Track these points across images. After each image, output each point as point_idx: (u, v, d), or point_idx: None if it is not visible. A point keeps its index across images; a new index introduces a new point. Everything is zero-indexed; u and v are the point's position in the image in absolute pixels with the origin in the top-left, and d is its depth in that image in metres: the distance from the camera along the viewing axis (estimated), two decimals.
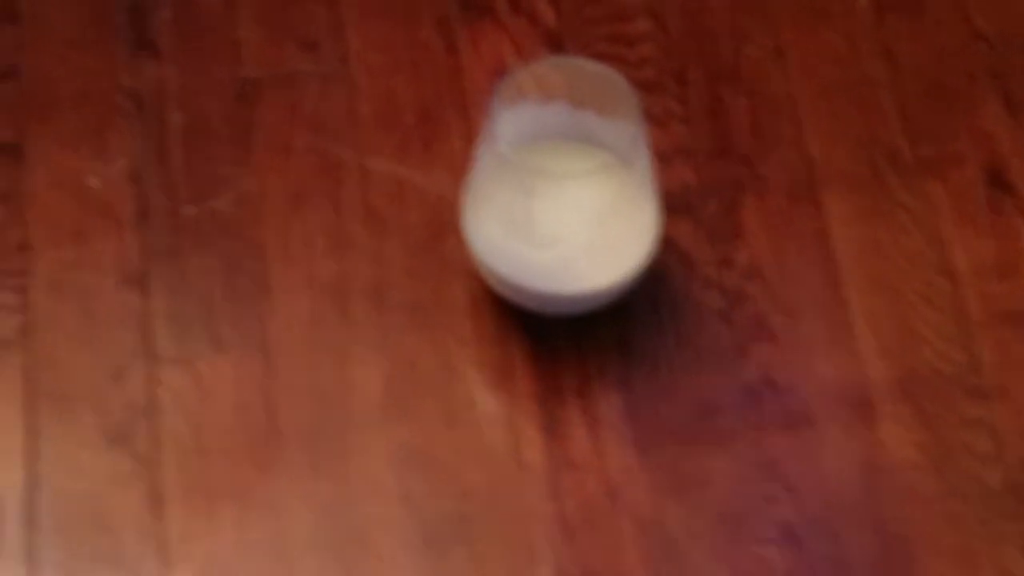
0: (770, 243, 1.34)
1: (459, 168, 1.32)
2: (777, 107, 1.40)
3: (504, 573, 1.23)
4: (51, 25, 1.45)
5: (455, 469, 1.25)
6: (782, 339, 1.30)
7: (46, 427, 1.26)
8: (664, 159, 1.36)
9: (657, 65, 1.41)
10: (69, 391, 1.27)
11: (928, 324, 1.29)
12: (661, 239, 1.29)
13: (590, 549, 1.23)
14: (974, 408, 1.26)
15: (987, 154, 1.38)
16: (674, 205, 1.33)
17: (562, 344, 1.30)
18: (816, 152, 1.38)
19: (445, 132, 1.39)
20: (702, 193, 1.36)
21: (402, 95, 1.41)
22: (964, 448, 1.24)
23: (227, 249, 1.33)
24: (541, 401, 1.27)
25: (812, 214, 1.36)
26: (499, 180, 1.26)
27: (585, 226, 1.26)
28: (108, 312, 1.29)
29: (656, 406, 1.27)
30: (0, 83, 1.41)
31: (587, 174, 1.25)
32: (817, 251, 1.34)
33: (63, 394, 1.27)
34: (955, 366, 1.27)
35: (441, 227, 1.34)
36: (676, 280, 1.33)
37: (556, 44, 1.42)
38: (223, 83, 1.40)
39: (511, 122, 1.28)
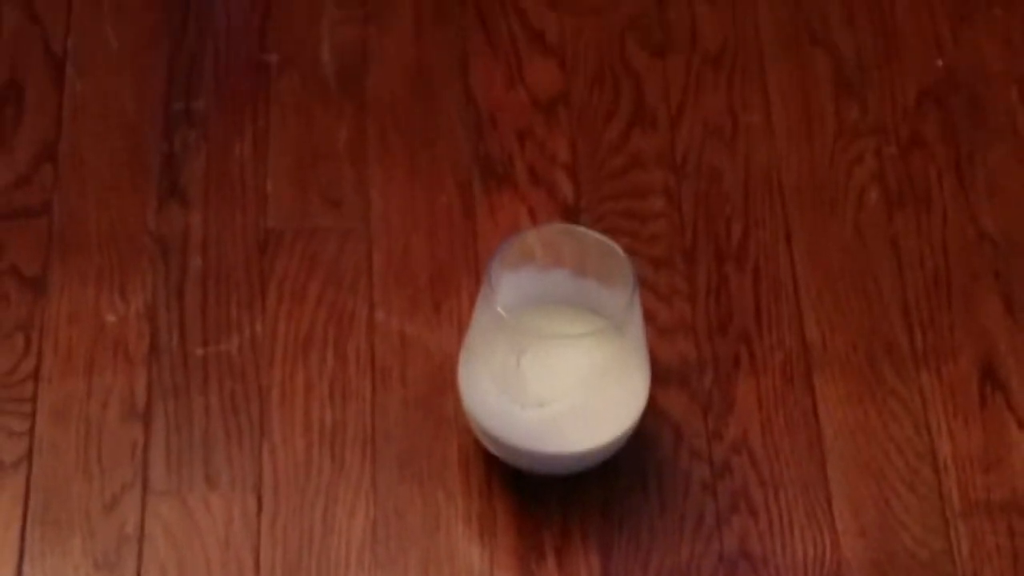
0: (760, 419, 1.36)
1: (464, 329, 1.34)
2: (781, 290, 1.43)
3: None
4: (87, 167, 1.50)
5: None
6: (762, 513, 1.31)
7: (38, 551, 1.28)
8: (665, 333, 1.38)
9: (667, 242, 1.44)
10: (63, 517, 1.29)
11: (908, 510, 1.29)
12: (649, 406, 1.31)
13: None
14: None
15: (983, 351, 1.39)
16: (671, 377, 1.36)
17: (547, 502, 1.31)
18: (814, 336, 1.41)
19: (455, 292, 1.42)
20: (699, 367, 1.38)
21: (418, 254, 1.44)
22: None
23: (231, 390, 1.35)
24: (521, 556, 1.28)
25: (804, 395, 1.38)
26: (493, 339, 1.28)
27: (574, 389, 1.28)
28: (109, 443, 1.32)
29: (632, 569, 1.28)
30: (33, 219, 1.46)
31: (579, 337, 1.28)
32: (806, 431, 1.36)
33: (57, 519, 1.29)
34: (932, 552, 1.28)
35: (442, 383, 1.36)
36: (665, 448, 1.34)
37: (572, 216, 1.45)
38: (247, 232, 1.44)
39: (512, 284, 1.30)
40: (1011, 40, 1.59)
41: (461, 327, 1.37)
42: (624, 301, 1.27)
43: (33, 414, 1.35)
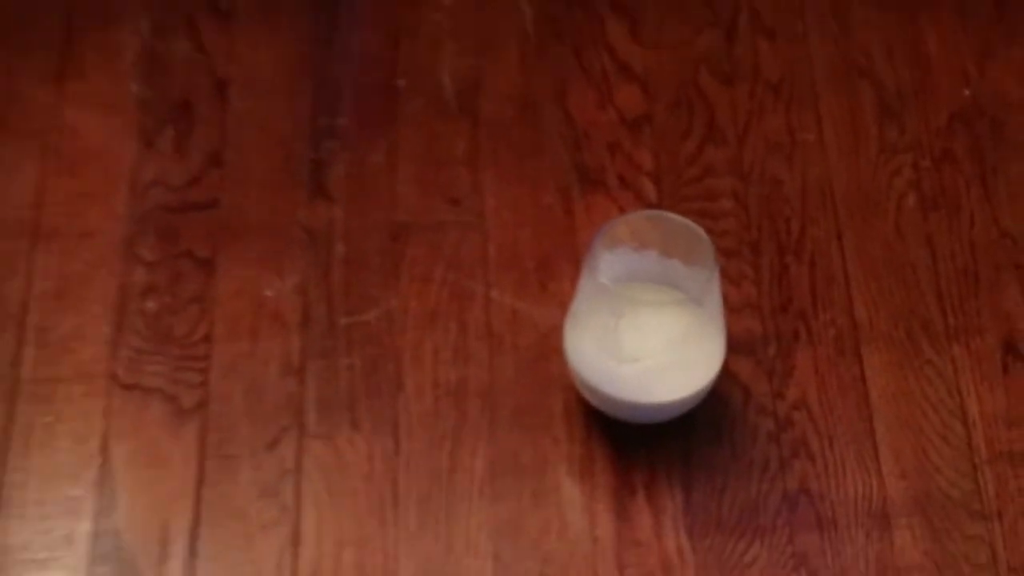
0: (816, 383, 1.39)
1: (566, 306, 1.36)
2: (833, 278, 1.45)
3: None
4: (248, 170, 1.52)
5: (539, 539, 1.29)
6: (819, 459, 1.34)
7: (214, 479, 1.32)
8: (735, 310, 1.40)
9: (736, 236, 1.47)
10: (233, 452, 1.34)
11: (942, 457, 1.32)
12: (725, 369, 1.34)
13: None
14: (974, 527, 1.30)
15: (1005, 329, 1.42)
16: (739, 347, 1.39)
17: (636, 448, 1.34)
18: (862, 316, 1.43)
19: (558, 276, 1.44)
20: (764, 339, 1.41)
21: (525, 245, 1.46)
22: (964, 558, 1.28)
23: (370, 353, 1.39)
24: (615, 491, 1.32)
25: (854, 363, 1.40)
26: (596, 306, 1.31)
27: (662, 349, 1.31)
28: (270, 394, 1.36)
29: (709, 503, 1.32)
30: (204, 211, 1.48)
31: (667, 305, 1.33)
32: (855, 392, 1.38)
33: (228, 454, 1.33)
34: (962, 492, 1.31)
35: (548, 349, 1.39)
36: (736, 405, 1.37)
37: None
38: (381, 225, 1.47)
39: (609, 262, 1.33)
40: None
41: (563, 303, 1.38)
42: (704, 277, 1.29)
43: (206, 370, 1.38)
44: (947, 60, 1.63)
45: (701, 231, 1.31)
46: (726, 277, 1.41)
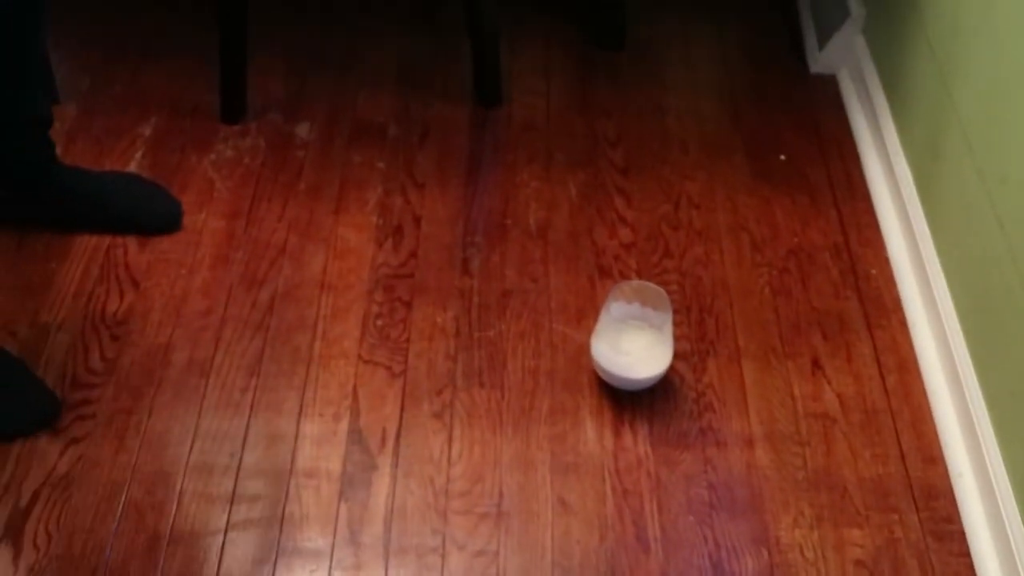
0: (717, 376, 1.43)
1: (591, 330, 1.43)
2: (726, 325, 1.49)
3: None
4: (430, 260, 1.54)
5: (574, 444, 1.37)
6: (717, 412, 1.39)
7: (408, 409, 1.36)
8: (677, 337, 1.46)
9: (678, 301, 1.52)
10: (419, 395, 1.37)
11: (781, 414, 1.38)
12: (672, 366, 1.42)
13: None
14: (795, 449, 1.35)
15: (813, 354, 1.44)
16: (679, 355, 1.46)
17: (625, 403, 1.42)
18: (741, 344, 1.46)
19: (587, 316, 1.50)
20: (691, 352, 1.47)
21: (570, 301, 1.51)
22: (792, 467, 1.33)
23: (489, 351, 1.43)
24: (612, 424, 1.40)
25: (736, 366, 1.45)
26: (607, 330, 1.41)
27: (641, 351, 1.41)
28: (438, 368, 1.41)
29: (662, 431, 1.39)
30: (407, 279, 1.50)
31: (643, 329, 1.42)
32: (736, 381, 1.43)
33: (416, 396, 1.37)
34: (789, 431, 1.37)
35: (582, 352, 1.46)
36: (676, 384, 1.44)
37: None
38: (496, 291, 1.50)
39: (614, 307, 1.42)
40: None
41: (589, 329, 1.46)
42: (663, 318, 1.39)
43: (406, 354, 1.44)
44: (785, 223, 1.67)
45: (663, 292, 1.42)
46: (675, 319, 1.47)
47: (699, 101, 1.85)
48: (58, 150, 1.54)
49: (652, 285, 1.42)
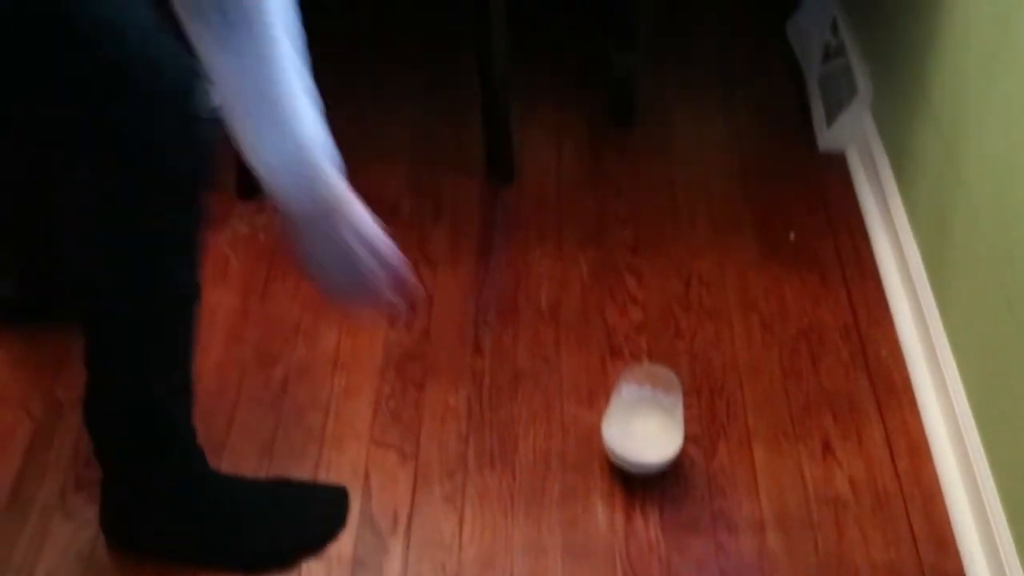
0: (728, 457, 1.44)
1: (602, 412, 1.44)
2: (737, 405, 1.50)
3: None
4: (442, 340, 1.55)
5: (584, 527, 1.36)
6: (729, 495, 1.39)
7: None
8: (687, 419, 1.46)
9: (688, 383, 1.52)
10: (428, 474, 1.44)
11: (792, 494, 1.38)
12: (683, 449, 1.42)
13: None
14: (806, 533, 1.35)
15: (823, 436, 1.45)
16: (689, 437, 1.46)
17: (636, 486, 1.42)
18: (751, 425, 1.47)
19: (598, 398, 1.50)
20: (701, 435, 1.48)
21: (581, 382, 1.52)
22: (806, 546, 1.33)
23: (502, 433, 1.44)
24: (624, 507, 1.40)
25: (746, 448, 1.44)
26: (619, 410, 1.43)
27: (653, 435, 1.43)
28: (448, 449, 1.44)
29: (673, 515, 1.39)
30: (419, 359, 1.51)
31: (654, 413, 1.44)
32: (746, 462, 1.43)
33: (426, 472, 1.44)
34: (798, 512, 1.37)
35: (593, 433, 1.46)
36: (687, 467, 1.44)
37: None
38: (508, 369, 1.52)
39: (626, 390, 1.44)
40: None
41: (600, 411, 1.46)
42: (674, 401, 1.42)
43: (419, 432, 1.46)
44: (795, 302, 1.65)
45: (674, 375, 1.44)
46: (685, 401, 1.49)
47: (709, 176, 1.87)
48: None
49: (663, 368, 1.44)
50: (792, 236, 1.78)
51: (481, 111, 1.80)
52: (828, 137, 1.94)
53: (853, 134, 1.91)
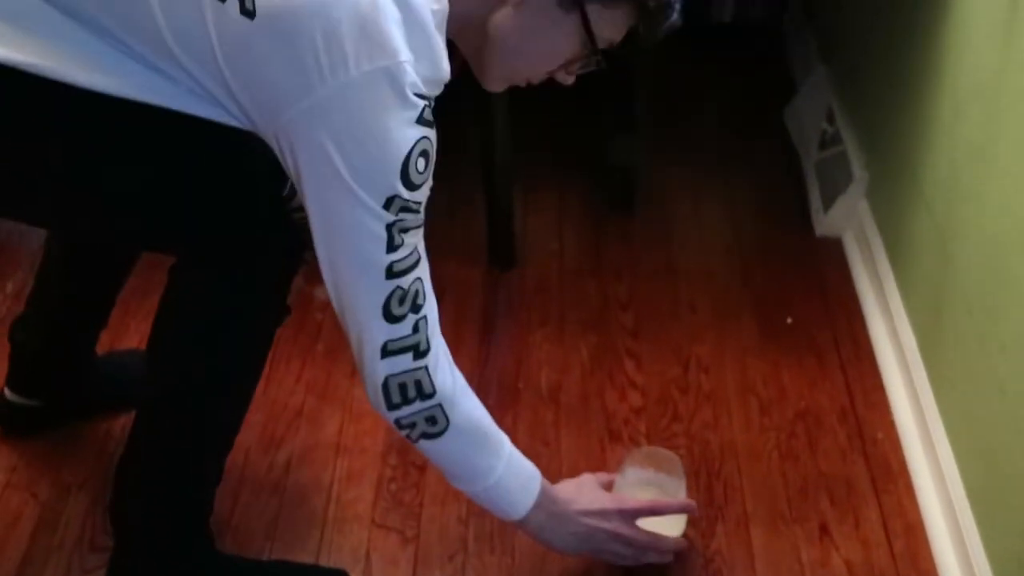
0: (725, 540, 1.44)
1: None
2: (735, 490, 1.50)
3: None
4: None
5: None
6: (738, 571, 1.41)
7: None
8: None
9: (686, 466, 1.49)
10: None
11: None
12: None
13: None
14: None
15: (821, 520, 1.45)
16: (687, 520, 1.46)
17: (638, 570, 1.39)
18: (749, 508, 1.47)
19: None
20: (700, 518, 1.48)
21: (579, 468, 1.48)
22: None
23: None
24: None
25: (744, 531, 1.45)
26: (621, 491, 1.42)
27: (657, 519, 1.41)
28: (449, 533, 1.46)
29: None
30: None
31: (657, 495, 1.43)
32: (743, 545, 1.43)
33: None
34: None
35: None
36: (686, 553, 1.42)
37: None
38: None
39: (629, 471, 1.44)
40: None
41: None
42: (679, 484, 1.42)
43: (421, 508, 1.46)
44: (793, 386, 1.71)
45: (676, 458, 1.45)
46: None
47: (709, 261, 1.92)
48: None
49: (664, 451, 1.45)
50: (789, 320, 1.82)
51: (485, 196, 1.84)
52: (825, 223, 1.99)
53: (849, 220, 1.96)
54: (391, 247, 1.07)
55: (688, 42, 2.30)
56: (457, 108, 2.03)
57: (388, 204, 1.04)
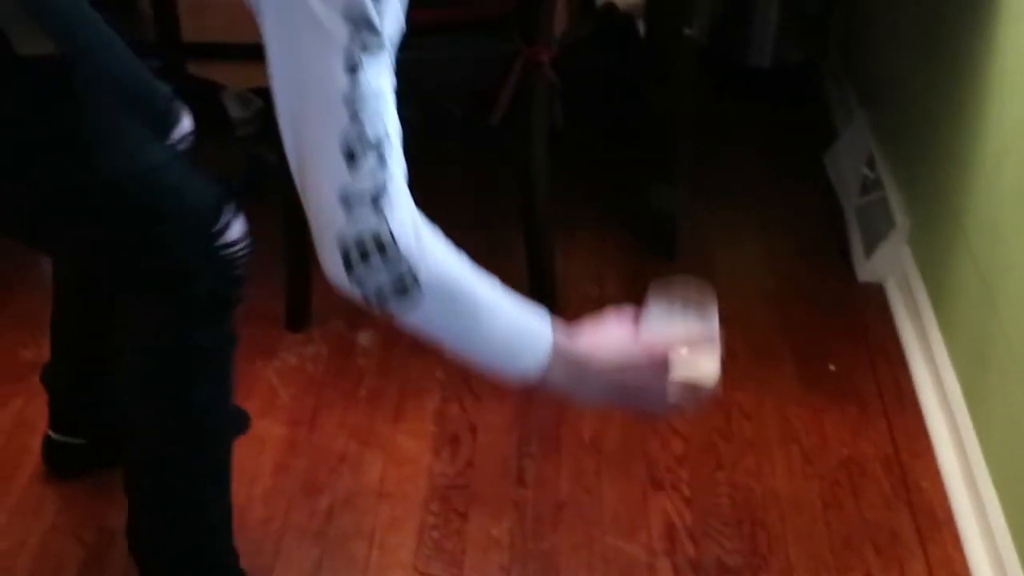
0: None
1: (643, 545, 1.49)
2: (776, 539, 1.50)
3: None
4: (483, 471, 1.59)
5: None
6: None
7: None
8: (727, 552, 1.49)
9: (730, 516, 1.54)
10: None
11: None
12: None
13: None
14: None
15: (865, 569, 1.45)
16: (730, 569, 1.46)
17: None
18: (793, 560, 1.48)
19: (641, 531, 1.52)
20: (741, 568, 1.47)
21: (626, 520, 1.53)
22: None
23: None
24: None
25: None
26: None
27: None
28: None
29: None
30: (462, 489, 1.54)
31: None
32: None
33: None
34: None
35: (635, 565, 1.47)
36: None
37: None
38: (527, 504, 1.57)
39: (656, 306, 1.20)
40: None
41: (642, 544, 1.47)
42: (710, 307, 1.13)
43: (464, 554, 1.49)
44: (835, 434, 1.71)
45: (701, 282, 1.16)
46: (726, 532, 1.51)
47: (748, 307, 1.91)
48: None
49: (684, 278, 1.21)
50: (832, 367, 1.81)
51: (525, 243, 1.85)
52: (867, 269, 1.99)
53: (891, 266, 1.96)
54: (351, 67, 0.98)
55: (728, 86, 2.40)
56: (498, 153, 2.14)
57: (349, 13, 0.96)
